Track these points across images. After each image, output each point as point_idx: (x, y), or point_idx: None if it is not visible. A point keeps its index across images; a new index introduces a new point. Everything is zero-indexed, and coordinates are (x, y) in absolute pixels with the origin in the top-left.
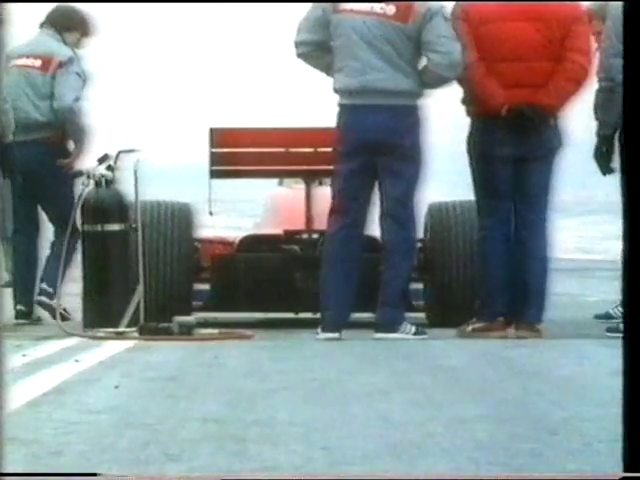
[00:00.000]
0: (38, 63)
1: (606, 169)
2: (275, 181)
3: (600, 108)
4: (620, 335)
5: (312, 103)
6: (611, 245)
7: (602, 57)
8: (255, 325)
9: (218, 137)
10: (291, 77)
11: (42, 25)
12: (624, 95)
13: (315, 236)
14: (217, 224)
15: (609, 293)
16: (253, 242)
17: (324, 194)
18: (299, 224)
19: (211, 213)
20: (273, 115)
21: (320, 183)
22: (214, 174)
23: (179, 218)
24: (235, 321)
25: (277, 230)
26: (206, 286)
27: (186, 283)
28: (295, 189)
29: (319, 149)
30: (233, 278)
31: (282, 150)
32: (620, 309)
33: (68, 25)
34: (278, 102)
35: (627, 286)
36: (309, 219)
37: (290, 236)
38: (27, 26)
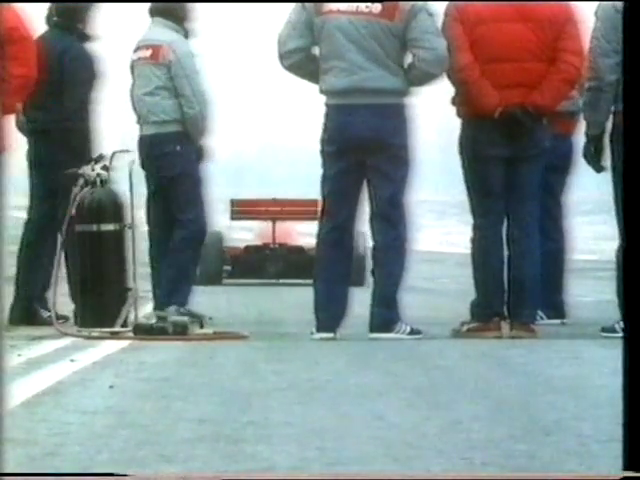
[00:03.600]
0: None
1: (597, 168)
2: None
3: (589, 108)
4: (614, 335)
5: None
6: (606, 245)
7: (591, 57)
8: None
9: (235, 203)
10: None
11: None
12: (624, 95)
13: (276, 246)
14: (236, 225)
15: (605, 293)
16: (249, 248)
17: (282, 226)
18: (269, 239)
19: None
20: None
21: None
22: (233, 218)
23: (215, 239)
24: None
25: (259, 242)
26: (229, 267)
27: (219, 267)
28: (269, 223)
29: (283, 207)
30: (241, 264)
31: (265, 209)
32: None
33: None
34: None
35: (626, 286)
36: (274, 237)
37: (265, 245)
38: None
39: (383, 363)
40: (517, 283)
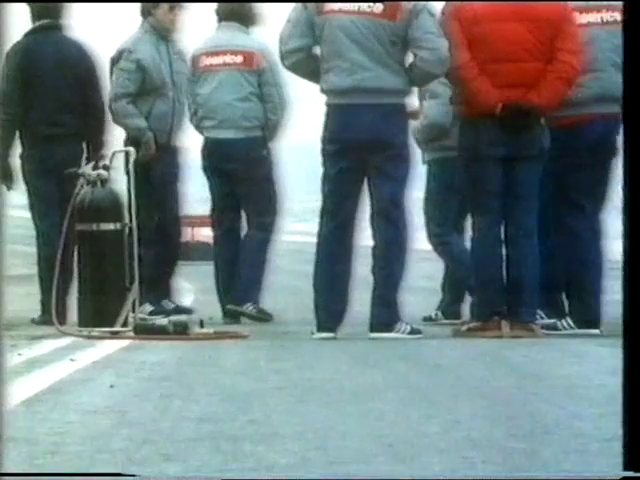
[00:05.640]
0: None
1: None
2: None
3: None
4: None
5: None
6: (609, 245)
7: None
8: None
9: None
10: None
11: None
12: (624, 95)
13: (195, 241)
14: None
15: (606, 293)
16: (186, 243)
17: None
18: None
19: None
20: None
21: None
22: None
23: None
24: None
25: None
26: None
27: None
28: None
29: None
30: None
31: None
32: (439, 313)
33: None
34: None
35: (627, 286)
36: (192, 236)
37: (187, 242)
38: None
39: (383, 363)
40: (516, 282)
